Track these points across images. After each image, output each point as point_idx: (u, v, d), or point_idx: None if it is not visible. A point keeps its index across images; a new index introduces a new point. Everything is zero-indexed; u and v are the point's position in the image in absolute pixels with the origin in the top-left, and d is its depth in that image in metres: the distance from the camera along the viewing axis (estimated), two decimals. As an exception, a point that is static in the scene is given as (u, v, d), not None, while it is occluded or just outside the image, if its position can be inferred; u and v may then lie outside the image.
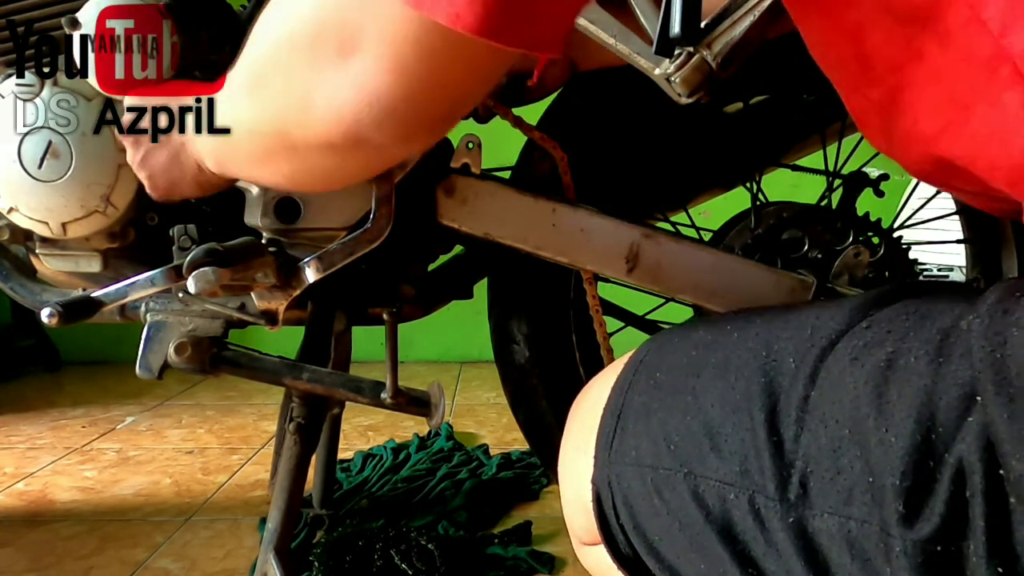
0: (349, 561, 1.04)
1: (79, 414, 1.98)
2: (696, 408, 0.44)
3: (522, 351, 0.93)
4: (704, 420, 0.43)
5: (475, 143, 0.78)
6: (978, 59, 0.36)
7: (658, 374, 0.49)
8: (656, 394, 0.48)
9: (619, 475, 0.48)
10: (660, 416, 0.47)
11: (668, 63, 0.71)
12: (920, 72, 0.39)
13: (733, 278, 0.79)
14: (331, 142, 0.47)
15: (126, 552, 1.15)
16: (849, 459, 0.36)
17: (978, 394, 0.33)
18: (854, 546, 0.36)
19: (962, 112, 0.38)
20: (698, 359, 0.47)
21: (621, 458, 0.48)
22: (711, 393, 0.44)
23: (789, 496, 0.38)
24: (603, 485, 0.49)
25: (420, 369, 2.48)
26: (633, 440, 0.48)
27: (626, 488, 0.47)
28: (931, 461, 0.33)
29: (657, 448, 0.45)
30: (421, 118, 0.45)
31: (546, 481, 1.39)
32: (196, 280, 0.60)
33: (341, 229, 0.75)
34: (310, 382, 0.80)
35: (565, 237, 0.79)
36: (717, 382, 0.44)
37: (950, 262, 1.93)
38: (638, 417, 0.48)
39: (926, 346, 0.36)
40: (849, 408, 0.37)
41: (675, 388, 0.47)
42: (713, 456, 0.42)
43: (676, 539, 0.44)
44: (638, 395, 0.49)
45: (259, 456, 1.61)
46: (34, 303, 0.85)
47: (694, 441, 0.43)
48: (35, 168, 0.72)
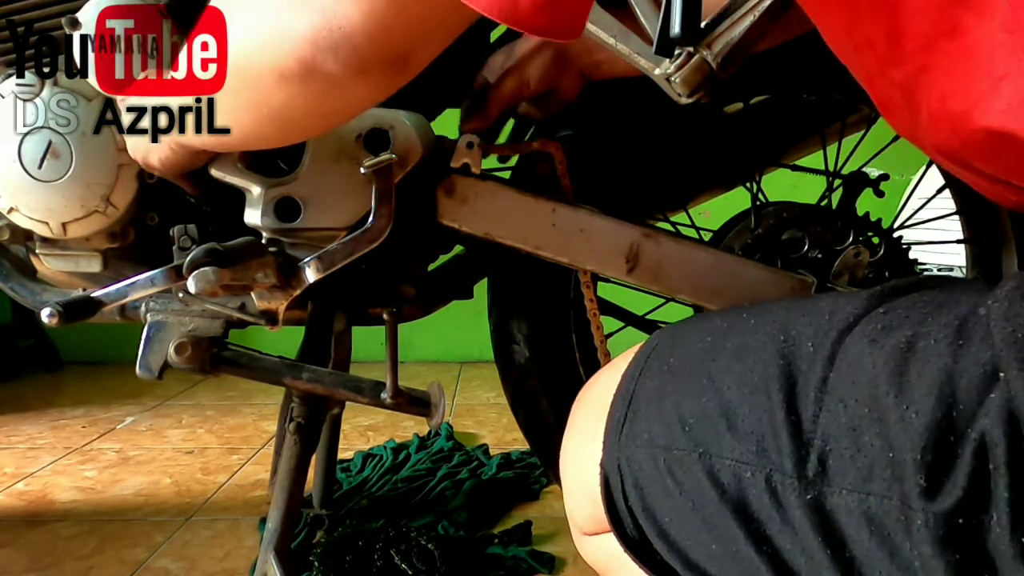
0: (349, 561, 1.04)
1: (79, 414, 1.98)
2: (712, 390, 0.44)
3: (522, 351, 0.93)
4: (721, 402, 0.43)
5: (475, 143, 0.78)
6: (1019, 26, 0.36)
7: (671, 360, 0.49)
8: (669, 378, 0.48)
9: (630, 458, 0.48)
10: (674, 399, 0.46)
11: (668, 63, 0.71)
12: (954, 46, 0.39)
13: (733, 278, 0.79)
14: (286, 68, 0.47)
15: (126, 552, 1.15)
16: (869, 437, 0.36)
17: (1001, 371, 0.33)
18: (873, 522, 0.36)
19: (996, 84, 0.38)
20: (714, 344, 0.47)
21: (632, 441, 0.48)
22: (728, 376, 0.44)
23: (807, 474, 0.38)
24: (612, 469, 0.49)
25: (420, 369, 2.48)
26: (645, 423, 0.47)
27: (637, 470, 0.47)
28: (952, 436, 0.34)
29: (671, 430, 0.45)
30: (376, 50, 0.45)
31: (546, 481, 1.39)
32: (196, 280, 0.60)
33: (341, 229, 0.75)
34: (310, 382, 0.80)
35: (565, 237, 0.79)
36: (735, 365, 0.44)
37: (950, 262, 1.93)
38: (650, 401, 0.48)
39: (945, 330, 0.36)
40: (868, 388, 0.37)
41: (690, 372, 0.47)
42: (729, 436, 0.42)
43: (688, 520, 0.44)
44: (650, 380, 0.49)
45: (259, 456, 1.61)
46: (34, 303, 0.85)
47: (710, 422, 0.43)
48: (35, 168, 0.72)
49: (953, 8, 0.38)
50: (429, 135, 0.79)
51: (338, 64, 0.45)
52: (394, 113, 0.75)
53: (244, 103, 0.52)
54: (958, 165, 0.46)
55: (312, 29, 0.44)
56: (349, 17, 0.43)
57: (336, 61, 0.45)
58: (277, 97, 0.49)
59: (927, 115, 0.43)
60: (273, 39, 0.47)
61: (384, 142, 0.74)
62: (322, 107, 0.51)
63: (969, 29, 0.38)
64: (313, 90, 0.48)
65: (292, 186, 0.75)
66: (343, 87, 0.47)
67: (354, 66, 0.45)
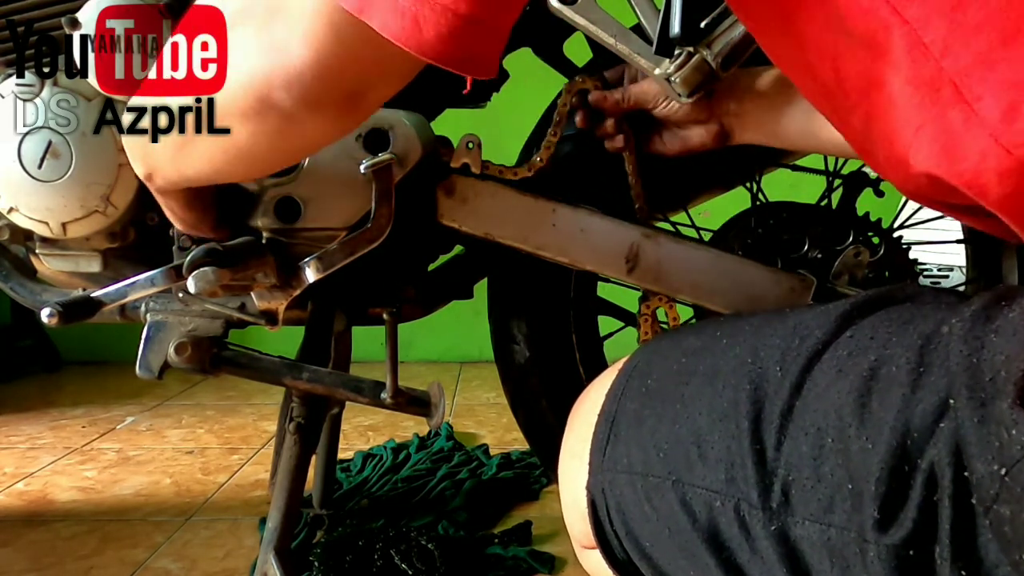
0: (349, 561, 1.04)
1: (79, 414, 1.98)
2: (685, 416, 0.45)
3: (522, 351, 0.93)
4: (692, 428, 0.44)
5: (475, 143, 0.78)
6: (923, 81, 0.37)
7: (649, 381, 0.50)
8: (647, 401, 0.49)
9: (612, 482, 0.48)
10: (651, 424, 0.47)
11: (668, 63, 0.71)
12: (881, 97, 0.40)
13: (733, 278, 0.79)
14: (247, 106, 0.49)
15: (126, 552, 1.15)
16: (830, 467, 0.36)
17: (951, 398, 0.33)
18: (834, 553, 0.36)
19: (916, 133, 0.39)
20: (687, 366, 0.48)
21: (613, 465, 0.49)
22: (699, 401, 0.45)
23: (771, 504, 0.38)
24: (597, 492, 0.49)
25: (420, 369, 2.48)
26: (624, 447, 0.48)
27: (619, 495, 0.48)
28: (906, 466, 0.33)
29: (647, 455, 0.46)
30: (327, 88, 0.46)
31: (546, 481, 1.39)
32: (196, 280, 0.60)
33: (341, 229, 0.75)
34: (310, 382, 0.80)
35: (565, 237, 0.79)
36: (705, 389, 0.45)
37: (950, 262, 1.93)
38: (630, 424, 0.49)
39: (907, 353, 0.36)
40: (833, 418, 0.37)
41: (665, 395, 0.48)
42: (700, 464, 0.43)
43: (666, 545, 0.45)
44: (630, 402, 0.50)
45: (259, 456, 1.61)
46: (34, 303, 0.85)
47: (682, 449, 0.44)
48: (35, 168, 0.72)
49: (874, 61, 0.39)
50: (429, 135, 0.79)
51: (291, 100, 0.47)
52: (394, 113, 0.75)
53: (213, 141, 0.54)
54: (930, 204, 0.46)
55: (270, 66, 0.46)
56: (301, 56, 0.45)
57: (290, 97, 0.46)
58: (240, 135, 0.51)
59: (883, 159, 0.43)
60: (237, 80, 0.49)
61: (384, 142, 0.74)
62: (282, 143, 0.52)
63: (887, 81, 0.39)
64: (271, 126, 0.50)
65: (292, 186, 0.75)
66: (298, 123, 0.49)
67: (307, 102, 0.47)
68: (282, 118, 0.48)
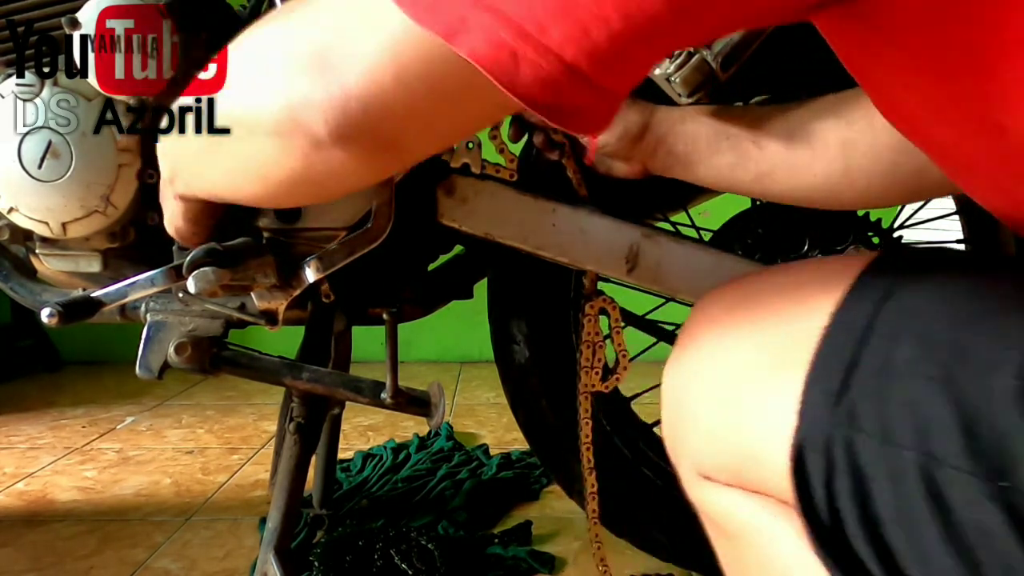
0: (349, 561, 1.04)
1: (79, 414, 1.98)
2: (954, 391, 0.37)
3: (522, 351, 0.93)
4: (961, 408, 0.36)
5: (475, 143, 0.78)
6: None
7: (913, 329, 0.40)
8: (908, 352, 0.39)
9: (851, 441, 0.39)
10: (908, 383, 0.38)
11: (668, 63, 0.71)
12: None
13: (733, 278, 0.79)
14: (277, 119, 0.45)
15: (126, 552, 1.15)
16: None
17: None
18: None
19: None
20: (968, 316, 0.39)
21: (854, 421, 0.39)
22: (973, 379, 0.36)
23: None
24: (814, 446, 0.40)
25: (420, 369, 2.48)
26: (873, 406, 0.39)
27: (857, 457, 0.39)
28: None
29: (900, 421, 0.38)
30: (366, 122, 0.42)
31: (546, 481, 1.39)
32: (196, 280, 0.60)
33: (341, 229, 0.75)
34: (310, 382, 0.80)
35: (565, 237, 0.79)
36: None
37: (950, 262, 1.92)
38: (879, 376, 0.40)
39: None
40: None
41: (930, 354, 0.38)
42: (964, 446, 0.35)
43: (924, 535, 0.37)
44: (879, 348, 0.40)
45: (259, 456, 1.61)
46: (34, 303, 0.85)
47: (943, 425, 0.36)
48: (35, 168, 0.72)
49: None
50: (429, 135, 0.79)
51: (323, 123, 0.42)
52: (394, 113, 0.75)
53: (235, 152, 0.51)
54: None
55: (310, 83, 0.42)
56: (350, 81, 0.41)
57: (322, 120, 0.42)
58: (263, 150, 0.47)
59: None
60: (273, 90, 0.45)
61: (384, 142, 0.74)
62: (299, 169, 0.48)
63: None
64: (295, 147, 0.45)
65: (292, 186, 0.74)
66: (324, 150, 0.44)
67: (339, 130, 0.43)
68: (307, 139, 0.44)
